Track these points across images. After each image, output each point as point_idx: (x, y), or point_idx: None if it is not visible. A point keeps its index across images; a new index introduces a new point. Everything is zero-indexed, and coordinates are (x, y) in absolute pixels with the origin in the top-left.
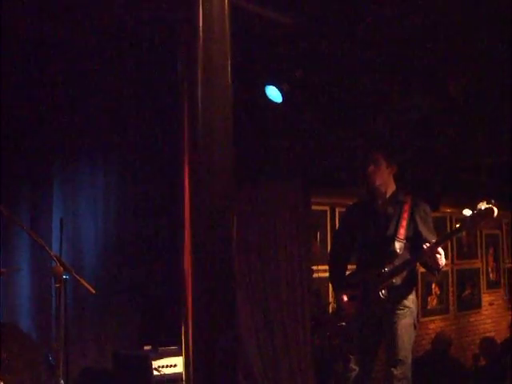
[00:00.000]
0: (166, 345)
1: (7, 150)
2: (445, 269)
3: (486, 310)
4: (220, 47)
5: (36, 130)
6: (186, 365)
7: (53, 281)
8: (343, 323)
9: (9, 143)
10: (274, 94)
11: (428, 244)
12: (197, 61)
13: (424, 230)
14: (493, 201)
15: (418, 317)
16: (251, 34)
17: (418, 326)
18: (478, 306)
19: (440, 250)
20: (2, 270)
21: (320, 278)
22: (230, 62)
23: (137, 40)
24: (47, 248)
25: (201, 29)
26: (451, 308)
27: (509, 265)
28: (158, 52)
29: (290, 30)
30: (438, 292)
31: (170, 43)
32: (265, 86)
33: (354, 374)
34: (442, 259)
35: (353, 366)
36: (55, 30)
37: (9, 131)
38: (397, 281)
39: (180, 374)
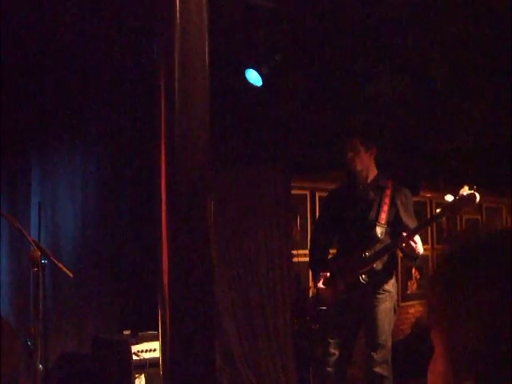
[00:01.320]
0: (146, 329)
1: None
2: (425, 254)
3: None
4: (197, 29)
5: (13, 115)
6: (163, 350)
7: (30, 265)
8: (323, 307)
9: None
10: (253, 77)
11: (405, 233)
12: (174, 43)
13: (404, 216)
14: (475, 186)
15: (398, 301)
16: (231, 18)
17: (397, 310)
18: None
19: (416, 238)
20: None
21: (300, 263)
22: (207, 45)
23: (114, 24)
24: (25, 232)
25: (178, 11)
26: None
27: None
28: (134, 36)
29: (271, 14)
30: (418, 277)
31: (146, 26)
32: (245, 69)
33: (333, 358)
34: (418, 247)
35: (332, 350)
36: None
37: None
38: (377, 265)
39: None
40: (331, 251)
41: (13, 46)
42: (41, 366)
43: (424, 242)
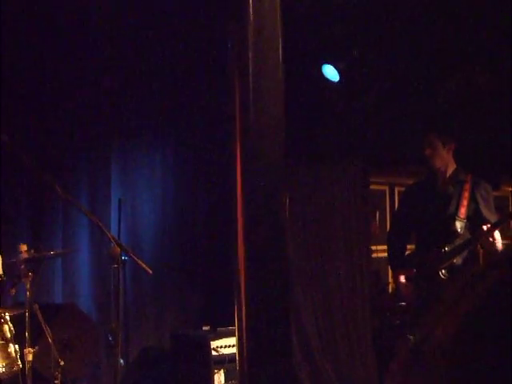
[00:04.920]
0: (225, 325)
1: (66, 132)
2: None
3: None
4: (271, 26)
5: (94, 112)
6: (240, 346)
7: (110, 262)
8: (403, 303)
9: (67, 126)
10: (331, 72)
11: (485, 226)
12: (247, 41)
13: (485, 210)
14: None
15: None
16: (308, 13)
17: None
18: None
19: (496, 234)
20: (59, 250)
21: (379, 258)
22: (281, 41)
23: (188, 20)
24: (105, 229)
25: (251, 8)
26: None
27: None
28: (208, 32)
29: (348, 8)
30: None
31: (220, 23)
32: (322, 65)
33: None
34: (497, 244)
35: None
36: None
37: (67, 113)
38: (457, 261)
39: None
40: (408, 246)
41: (95, 49)
42: (121, 360)
43: (506, 236)
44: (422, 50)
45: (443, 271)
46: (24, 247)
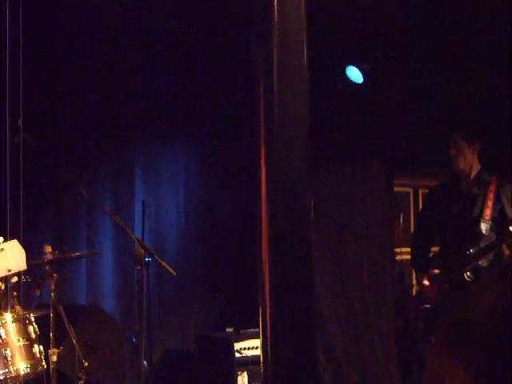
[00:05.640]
0: (248, 327)
1: (90, 134)
2: None
3: None
4: (295, 28)
5: (118, 114)
6: (264, 348)
7: (134, 263)
8: (427, 305)
9: (91, 127)
10: (354, 74)
11: None
12: (272, 42)
13: (510, 212)
14: None
15: None
16: (332, 15)
17: None
18: None
19: None
20: (84, 252)
21: (403, 261)
22: (305, 43)
23: (212, 22)
24: (129, 230)
25: (275, 10)
26: None
27: None
28: (233, 33)
29: (372, 10)
30: None
31: (244, 25)
32: (345, 66)
33: None
34: None
35: None
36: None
37: (91, 116)
38: (482, 263)
39: None
40: (432, 249)
41: (123, 53)
42: (145, 362)
43: None
44: (447, 50)
45: (468, 273)
46: (48, 248)
